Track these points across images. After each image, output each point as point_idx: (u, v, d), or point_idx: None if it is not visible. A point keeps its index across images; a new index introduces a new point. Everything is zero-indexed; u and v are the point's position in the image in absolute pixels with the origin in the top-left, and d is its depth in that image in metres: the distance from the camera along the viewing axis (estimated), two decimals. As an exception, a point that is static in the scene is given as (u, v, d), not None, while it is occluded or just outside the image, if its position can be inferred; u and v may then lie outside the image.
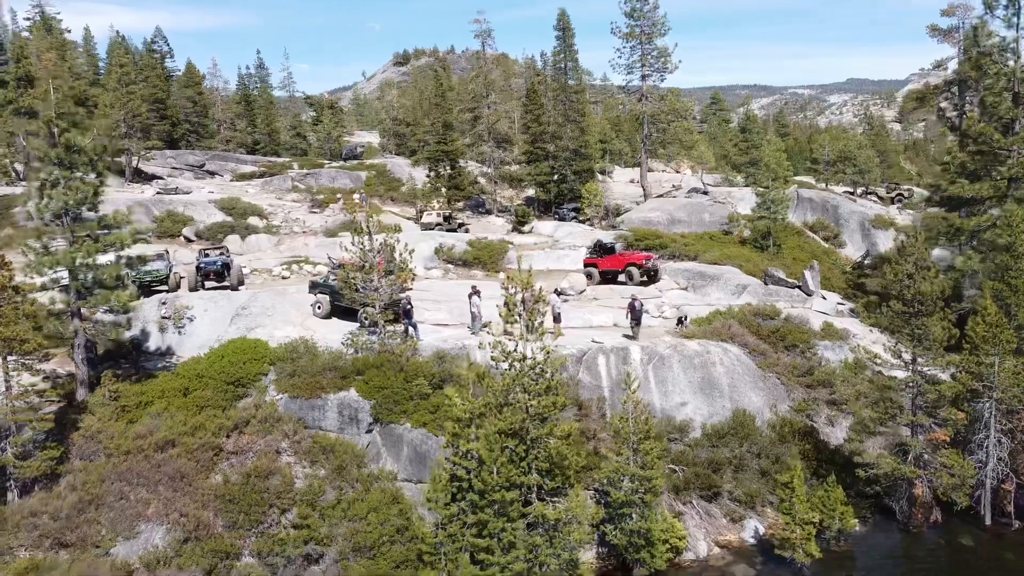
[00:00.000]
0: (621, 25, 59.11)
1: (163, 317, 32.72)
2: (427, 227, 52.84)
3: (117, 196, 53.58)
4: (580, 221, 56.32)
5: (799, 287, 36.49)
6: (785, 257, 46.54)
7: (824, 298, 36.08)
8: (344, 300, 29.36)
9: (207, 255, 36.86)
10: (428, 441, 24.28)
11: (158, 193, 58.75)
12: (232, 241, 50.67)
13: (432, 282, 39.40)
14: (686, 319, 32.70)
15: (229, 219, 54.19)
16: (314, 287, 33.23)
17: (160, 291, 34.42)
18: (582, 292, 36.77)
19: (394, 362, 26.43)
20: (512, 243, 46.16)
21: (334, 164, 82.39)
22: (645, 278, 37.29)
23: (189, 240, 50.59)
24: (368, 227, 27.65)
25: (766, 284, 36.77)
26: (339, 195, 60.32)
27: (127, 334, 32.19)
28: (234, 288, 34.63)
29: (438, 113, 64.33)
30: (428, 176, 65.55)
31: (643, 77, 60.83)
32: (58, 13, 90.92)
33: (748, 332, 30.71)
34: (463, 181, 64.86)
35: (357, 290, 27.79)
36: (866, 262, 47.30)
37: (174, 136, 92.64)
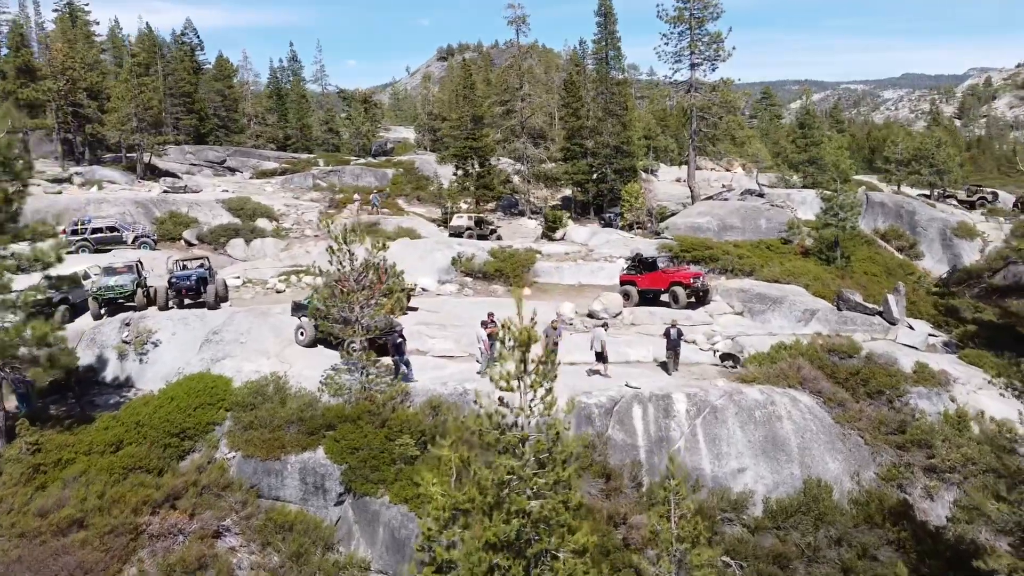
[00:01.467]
0: (668, 7, 52.86)
1: (123, 341, 27.77)
2: (456, 232, 47.24)
3: (119, 195, 49.21)
4: (619, 227, 50.25)
5: (880, 313, 30.02)
6: (855, 272, 39.92)
7: (911, 327, 29.53)
8: (321, 330, 24.03)
9: (185, 267, 31.81)
10: (409, 524, 18.66)
11: (164, 192, 54.29)
12: (235, 246, 45.90)
13: (444, 300, 33.82)
14: (742, 354, 26.61)
15: (236, 221, 49.43)
16: (297, 309, 27.90)
17: (131, 307, 29.60)
18: (617, 315, 30.84)
19: (375, 413, 20.92)
20: (540, 252, 40.34)
21: (360, 161, 77.51)
22: (693, 299, 31.19)
23: (190, 244, 45.88)
24: (344, 240, 22.09)
25: (839, 309, 30.34)
26: (356, 195, 55.14)
27: (83, 360, 27.52)
28: (211, 306, 29.49)
29: (467, 107, 58.72)
30: (455, 175, 60.10)
31: (692, 66, 54.41)
32: (87, 4, 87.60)
33: (822, 375, 24.46)
34: (493, 180, 59.24)
35: (332, 320, 22.31)
36: (952, 279, 40.37)
37: (201, 131, 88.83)
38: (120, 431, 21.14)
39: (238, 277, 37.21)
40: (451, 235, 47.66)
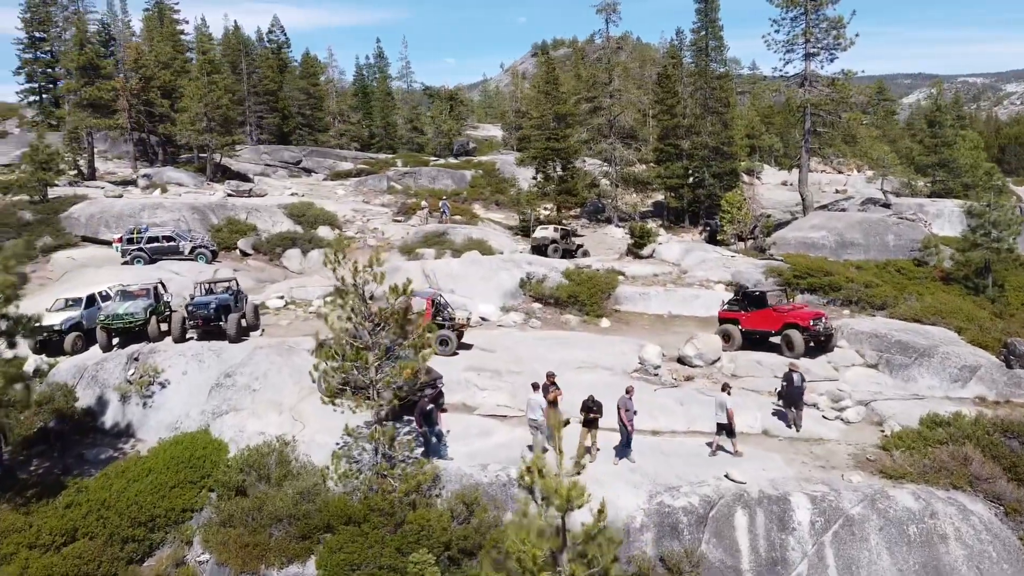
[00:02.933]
0: (780, -11, 45.86)
1: (127, 380, 23.67)
2: (539, 245, 41.59)
3: (175, 200, 46.02)
4: (717, 242, 43.67)
5: (1065, 372, 22.84)
6: (1012, 305, 32.34)
7: (1109, 393, 22.26)
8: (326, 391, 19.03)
9: (210, 290, 27.55)
10: None
11: (228, 195, 51.04)
12: (291, 257, 41.92)
13: (504, 333, 28.40)
14: (882, 428, 20.16)
15: (297, 229, 45.49)
16: (322, 348, 23.09)
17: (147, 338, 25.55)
18: (714, 363, 24.72)
19: (388, 512, 15.73)
20: (623, 274, 34.44)
21: (439, 161, 73.07)
22: (812, 345, 24.71)
23: (245, 254, 42.17)
24: (356, 281, 17.00)
25: (1009, 366, 23.29)
26: (425, 202, 50.44)
27: (82, 401, 23.60)
28: (233, 339, 25.07)
29: (549, 104, 53.16)
30: (535, 178, 54.71)
31: (806, 56, 47.22)
32: (176, 3, 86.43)
33: (999, 470, 17.79)
34: (576, 184, 53.49)
35: (341, 385, 17.22)
36: None
37: (284, 129, 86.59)
38: (78, 515, 16.72)
39: (281, 297, 32.93)
40: (533, 248, 42.03)
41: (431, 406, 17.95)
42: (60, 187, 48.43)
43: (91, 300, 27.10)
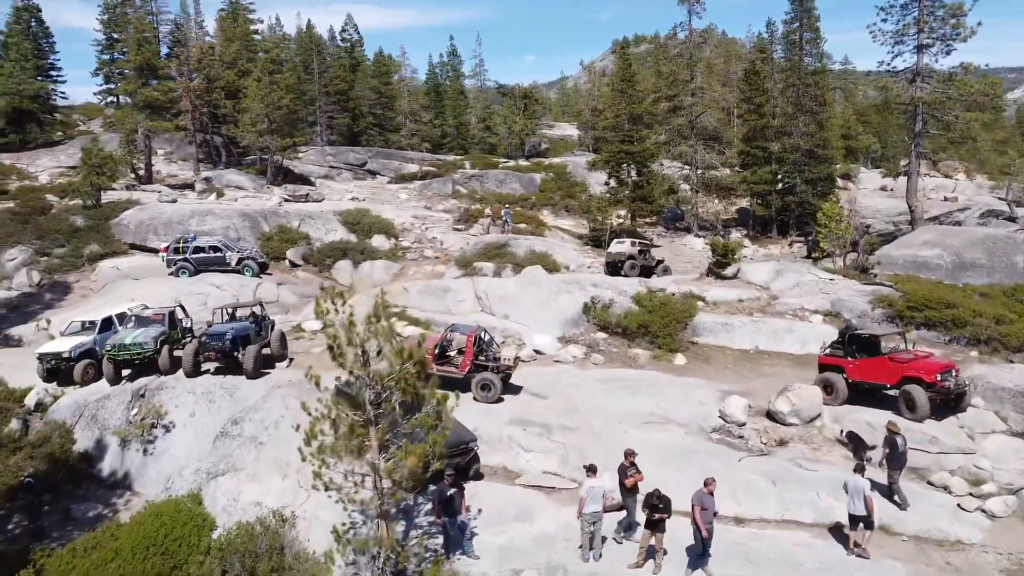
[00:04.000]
0: (890, -28, 40.30)
1: (130, 421, 20.86)
2: (614, 261, 37.23)
3: (226, 207, 43.80)
4: (812, 259, 38.52)
5: None
6: None
7: None
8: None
9: (233, 315, 24.56)
10: None
11: (284, 200, 48.69)
12: (342, 269, 39.00)
13: (561, 372, 24.43)
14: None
15: (351, 238, 42.62)
16: (341, 395, 19.66)
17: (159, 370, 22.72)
18: (812, 420, 20.18)
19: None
20: (703, 299, 29.96)
21: (508, 163, 69.48)
22: (939, 403, 19.87)
23: (294, 265, 39.50)
24: (354, 338, 13.40)
25: None
26: (488, 210, 46.82)
27: (80, 443, 20.93)
28: (251, 375, 21.97)
29: (624, 104, 48.78)
30: (607, 183, 50.48)
31: (919, 49, 41.44)
32: (251, 3, 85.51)
33: None
34: (653, 191, 48.96)
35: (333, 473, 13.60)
36: None
37: (354, 130, 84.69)
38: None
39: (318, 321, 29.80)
40: (608, 264, 37.78)
41: (452, 491, 14.19)
42: (117, 191, 47.02)
43: (107, 323, 24.53)
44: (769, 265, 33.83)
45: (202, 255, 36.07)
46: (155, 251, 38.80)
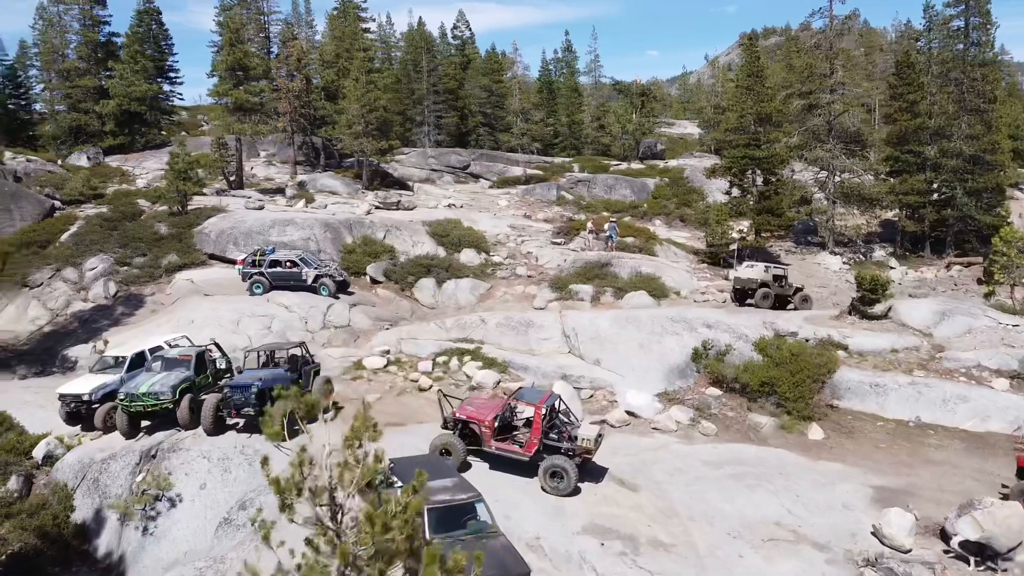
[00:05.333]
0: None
1: (132, 491, 17.43)
2: (743, 289, 31.12)
3: (310, 216, 40.77)
4: (985, 295, 31.29)
5: None
6: None
7: None
8: None
9: (272, 360, 20.80)
10: None
11: (375, 208, 45.40)
12: (424, 288, 35.11)
13: (657, 449, 19.21)
14: None
15: (439, 251, 38.74)
16: (386, 485, 15.43)
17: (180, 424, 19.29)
18: (1012, 551, 14.22)
19: None
20: (846, 347, 23.86)
21: (620, 166, 63.99)
22: None
23: (375, 282, 35.89)
24: (319, 479, 8.79)
25: None
26: (590, 223, 41.71)
27: (78, 513, 17.68)
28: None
29: (749, 102, 42.50)
30: (728, 192, 44.36)
31: None
32: (364, 2, 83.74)
33: None
34: (781, 201, 42.47)
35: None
36: None
37: (462, 129, 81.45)
38: None
39: (386, 351, 25.89)
40: (735, 292, 31.83)
41: None
42: (207, 196, 45.15)
43: (139, 359, 21.30)
44: (930, 303, 27.04)
45: (278, 270, 32.93)
46: (234, 262, 36.16)
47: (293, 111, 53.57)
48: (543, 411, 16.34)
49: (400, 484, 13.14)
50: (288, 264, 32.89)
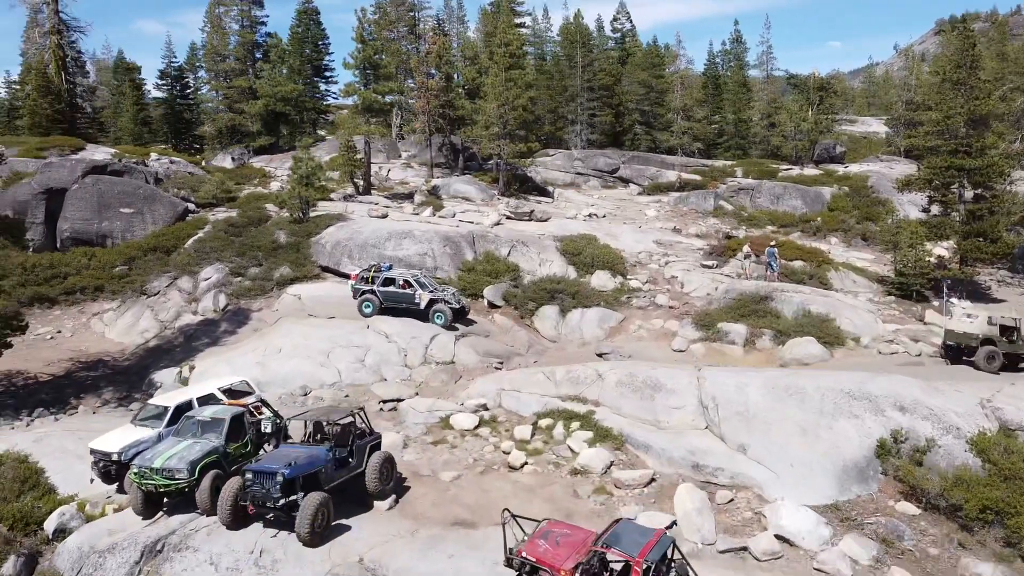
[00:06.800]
0: None
1: (127, 600, 13.82)
2: (959, 346, 23.94)
3: (429, 228, 37.02)
4: None
5: None
6: None
7: None
8: None
9: (318, 429, 16.64)
10: None
11: (506, 218, 41.10)
12: (546, 317, 30.46)
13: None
14: None
15: (568, 272, 33.89)
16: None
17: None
18: None
19: None
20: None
21: (792, 172, 55.94)
22: None
23: (492, 306, 31.53)
24: None
25: None
26: (747, 245, 34.95)
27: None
28: (306, 540, 13.93)
29: (959, 99, 34.09)
30: (926, 209, 36.15)
31: None
32: (522, -2, 79.81)
33: None
34: (997, 223, 33.84)
35: None
36: None
37: (617, 128, 75.73)
38: None
39: (482, 406, 21.35)
40: (947, 350, 24.74)
41: None
42: (335, 202, 42.75)
43: (182, 410, 17.92)
44: None
45: (391, 289, 29.32)
46: (347, 277, 32.99)
47: (431, 110, 50.38)
48: (644, 566, 10.95)
49: None
50: (402, 284, 29.17)
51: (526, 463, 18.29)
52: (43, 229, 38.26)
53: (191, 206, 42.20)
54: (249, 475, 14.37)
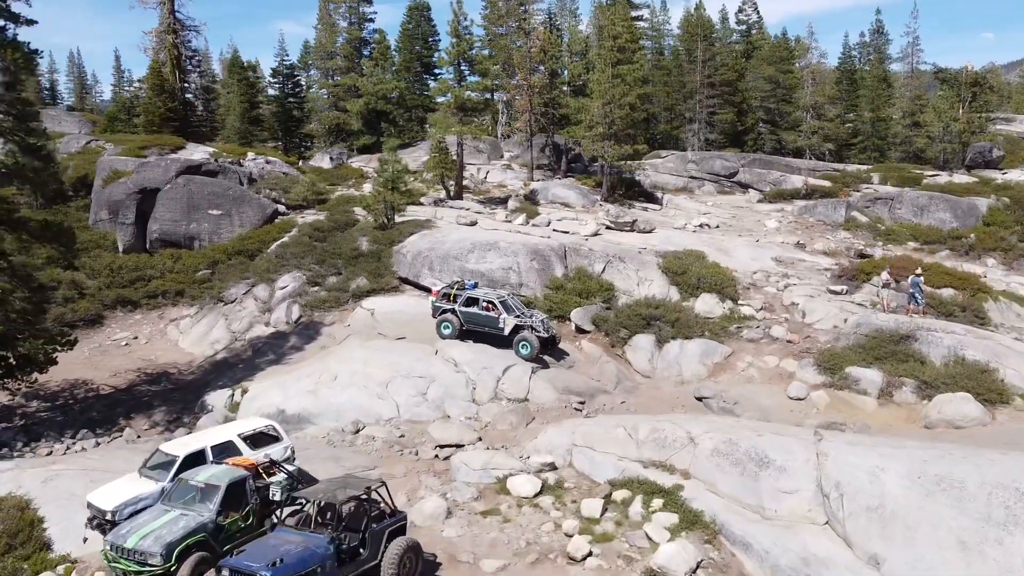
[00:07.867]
0: None
1: None
2: None
3: (515, 239, 33.40)
4: None
5: None
6: None
7: None
8: None
9: (329, 510, 13.48)
10: None
11: (605, 227, 37.16)
12: (640, 348, 26.61)
13: None
14: None
15: (670, 293, 29.71)
16: None
17: None
18: None
19: None
20: None
21: (938, 178, 48.84)
22: None
23: (580, 331, 27.78)
24: None
25: None
26: (887, 270, 29.31)
27: None
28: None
29: None
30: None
31: None
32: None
33: None
34: None
35: None
36: None
37: (739, 127, 69.92)
38: None
39: (549, 464, 17.75)
40: None
41: None
42: (424, 207, 40.16)
43: (192, 461, 15.34)
44: None
45: (473, 310, 26.06)
46: (428, 290, 30.12)
47: (533, 108, 46.99)
48: None
49: None
50: (486, 305, 25.85)
51: (590, 553, 14.56)
52: (133, 230, 37.65)
53: (281, 208, 40.69)
54: (225, 573, 11.41)
